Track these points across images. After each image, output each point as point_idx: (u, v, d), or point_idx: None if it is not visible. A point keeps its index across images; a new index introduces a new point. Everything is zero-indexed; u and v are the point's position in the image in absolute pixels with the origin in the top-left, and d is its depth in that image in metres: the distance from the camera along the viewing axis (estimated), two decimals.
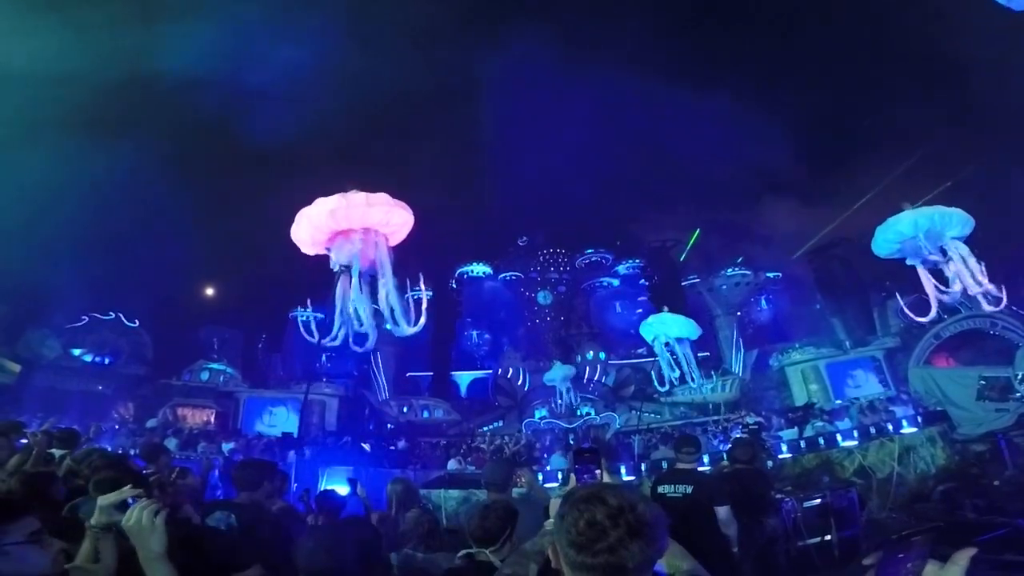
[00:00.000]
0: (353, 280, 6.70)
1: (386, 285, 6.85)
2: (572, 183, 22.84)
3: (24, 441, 4.30)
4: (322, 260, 6.91)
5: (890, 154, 19.83)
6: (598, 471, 1.75)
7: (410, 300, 7.21)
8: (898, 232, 8.11)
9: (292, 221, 6.70)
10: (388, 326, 6.95)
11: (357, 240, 6.62)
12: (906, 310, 9.98)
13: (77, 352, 19.16)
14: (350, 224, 6.61)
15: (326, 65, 17.84)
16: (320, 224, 6.57)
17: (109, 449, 7.01)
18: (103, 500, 1.75)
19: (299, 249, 6.95)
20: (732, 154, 22.07)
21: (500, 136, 21.49)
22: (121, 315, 19.80)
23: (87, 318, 19.49)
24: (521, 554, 1.74)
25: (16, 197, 13.40)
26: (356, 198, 6.50)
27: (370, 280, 6.89)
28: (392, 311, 6.89)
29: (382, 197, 6.67)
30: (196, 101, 16.79)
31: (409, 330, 6.94)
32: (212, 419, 19.21)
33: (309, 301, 9.87)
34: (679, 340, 13.30)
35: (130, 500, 1.70)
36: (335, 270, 6.78)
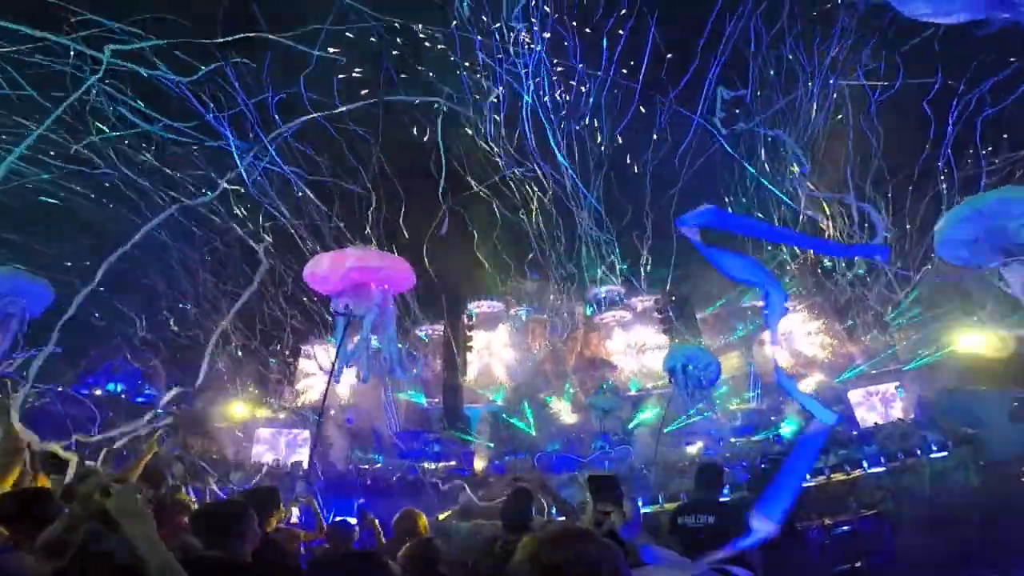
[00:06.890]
0: (365, 330, 6.96)
1: (387, 336, 7.27)
2: None
3: None
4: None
5: None
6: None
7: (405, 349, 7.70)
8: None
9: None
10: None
11: (375, 295, 6.88)
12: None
13: (89, 381, 19.27)
14: (366, 278, 6.89)
15: None
16: (338, 272, 6.79)
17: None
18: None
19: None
20: None
21: None
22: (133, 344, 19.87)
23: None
24: None
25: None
26: (371, 255, 7.05)
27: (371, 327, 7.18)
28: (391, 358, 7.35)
29: (393, 257, 7.28)
30: None
31: (406, 376, 7.32)
32: (222, 448, 19.11)
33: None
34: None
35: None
36: (337, 313, 6.97)
